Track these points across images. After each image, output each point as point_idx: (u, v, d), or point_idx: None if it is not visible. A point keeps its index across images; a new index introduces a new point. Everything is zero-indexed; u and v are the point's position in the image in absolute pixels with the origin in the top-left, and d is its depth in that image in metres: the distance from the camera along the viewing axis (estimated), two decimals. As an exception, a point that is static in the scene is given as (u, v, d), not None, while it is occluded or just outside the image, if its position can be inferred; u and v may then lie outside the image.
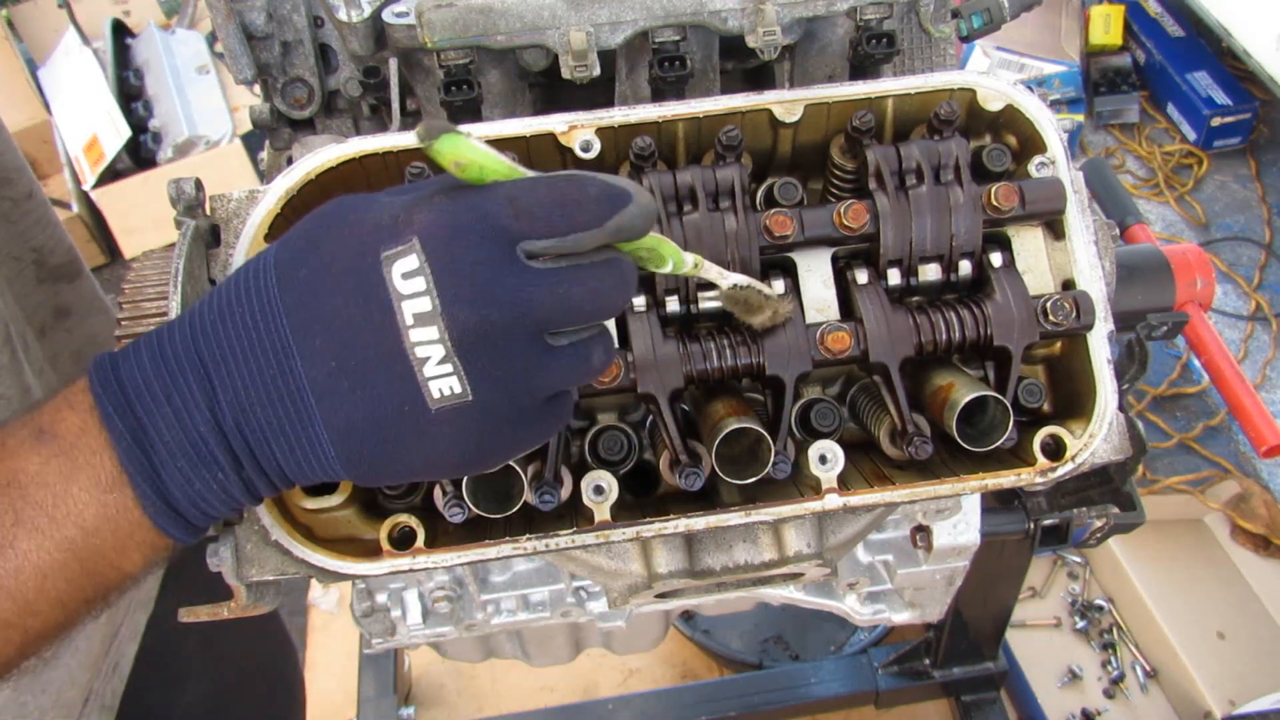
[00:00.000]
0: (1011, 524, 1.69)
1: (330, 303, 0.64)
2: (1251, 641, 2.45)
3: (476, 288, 0.64)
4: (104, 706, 1.24)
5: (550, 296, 0.66)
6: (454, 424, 0.65)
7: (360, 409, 0.65)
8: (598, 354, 0.71)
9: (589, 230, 0.66)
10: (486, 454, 0.70)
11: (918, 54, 1.24)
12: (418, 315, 0.63)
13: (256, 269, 0.67)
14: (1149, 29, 3.29)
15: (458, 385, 0.64)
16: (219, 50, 4.02)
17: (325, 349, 0.64)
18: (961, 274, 0.94)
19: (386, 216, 0.65)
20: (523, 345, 0.66)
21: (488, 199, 0.66)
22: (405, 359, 0.63)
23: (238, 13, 1.17)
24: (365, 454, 0.67)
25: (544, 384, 0.68)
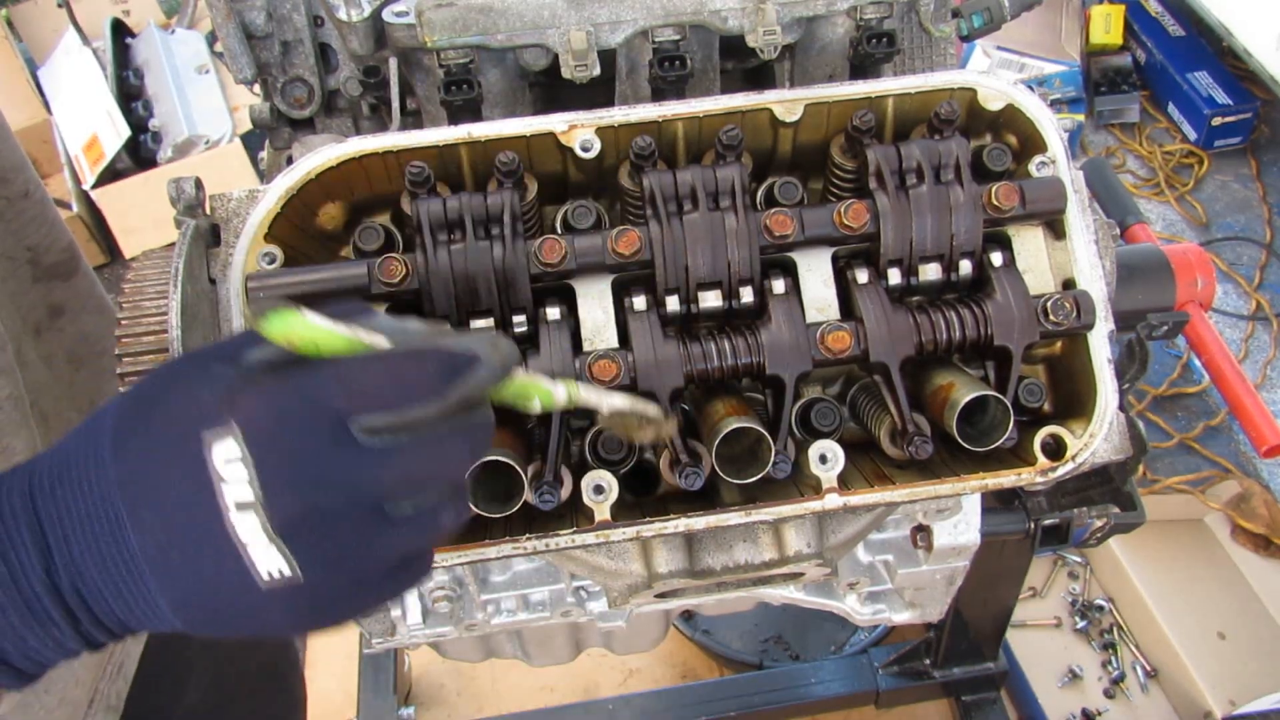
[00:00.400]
0: (1012, 524, 1.69)
1: (157, 479, 0.64)
2: (1252, 641, 2.45)
3: (300, 474, 0.63)
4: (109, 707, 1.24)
5: (385, 474, 0.65)
6: (287, 601, 0.65)
7: (192, 582, 0.65)
8: (447, 517, 0.70)
9: (426, 404, 0.65)
10: (329, 622, 0.69)
11: (918, 54, 1.24)
12: (239, 503, 0.62)
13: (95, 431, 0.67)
14: (1149, 29, 3.29)
15: (286, 569, 0.63)
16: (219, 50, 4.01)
17: (154, 524, 0.64)
18: (962, 273, 0.94)
19: (209, 395, 0.65)
20: (355, 524, 0.65)
21: (316, 381, 0.65)
22: (228, 540, 0.63)
23: (238, 12, 1.17)
24: (203, 622, 0.67)
25: (386, 555, 0.68)
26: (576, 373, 0.88)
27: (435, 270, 0.88)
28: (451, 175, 0.95)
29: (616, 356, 0.88)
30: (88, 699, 1.19)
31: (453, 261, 0.88)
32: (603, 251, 0.90)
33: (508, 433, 0.91)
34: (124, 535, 0.64)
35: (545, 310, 0.91)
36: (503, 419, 0.94)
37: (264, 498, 0.62)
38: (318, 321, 0.65)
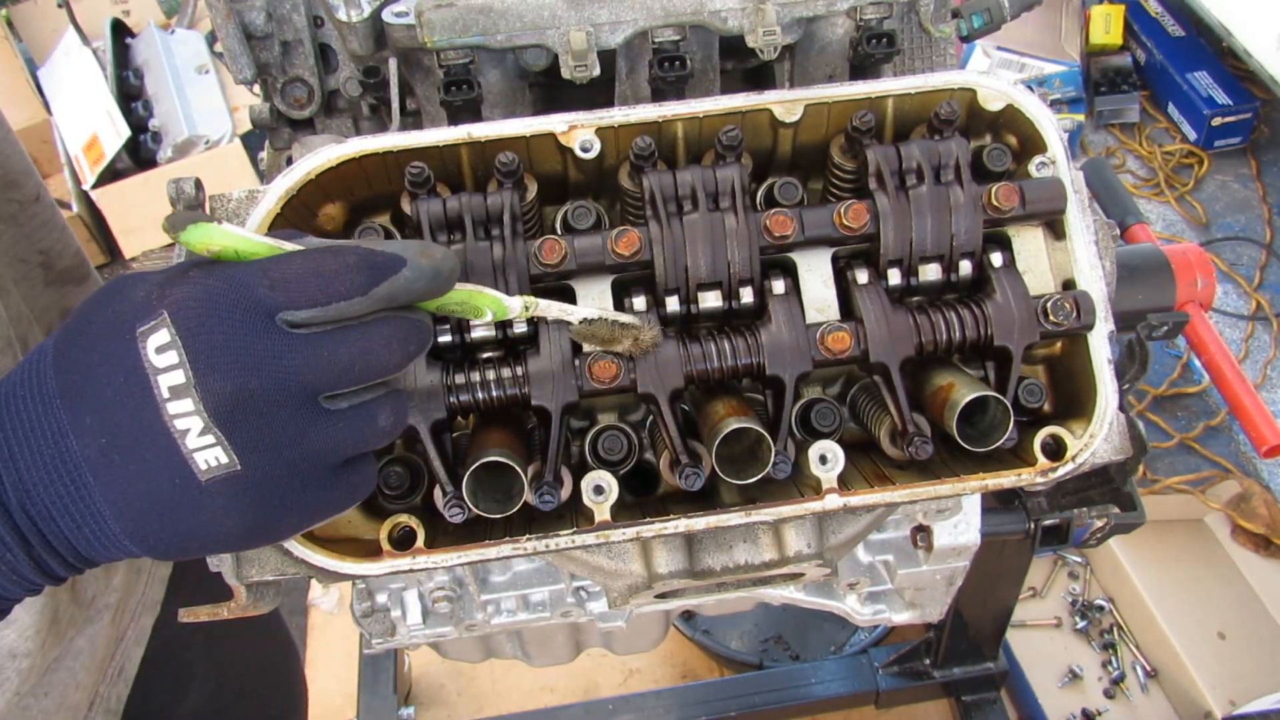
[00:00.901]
0: (1012, 524, 1.69)
1: (96, 381, 0.65)
2: (1252, 641, 2.45)
3: (230, 357, 0.64)
4: (109, 710, 1.24)
5: (313, 360, 0.66)
6: (228, 495, 0.65)
7: (135, 484, 0.65)
8: (383, 415, 0.71)
9: (350, 299, 0.66)
10: (272, 524, 0.69)
11: (918, 54, 1.24)
12: (173, 388, 0.63)
13: (38, 354, 0.68)
14: (1149, 29, 3.29)
15: (223, 456, 0.64)
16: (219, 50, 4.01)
17: (95, 426, 0.65)
18: (962, 274, 0.94)
19: (142, 293, 0.66)
20: (289, 411, 0.66)
21: (241, 271, 0.66)
22: (168, 433, 0.64)
23: (237, 12, 1.17)
24: (148, 529, 0.67)
25: (324, 449, 0.68)
26: (576, 373, 0.88)
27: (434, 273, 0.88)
28: (451, 175, 0.95)
29: (616, 357, 0.88)
30: (87, 702, 1.19)
31: (453, 262, 0.88)
32: (603, 252, 0.90)
33: (508, 433, 0.91)
34: (66, 443, 0.65)
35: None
36: (503, 420, 0.94)
37: (195, 380, 0.63)
38: (236, 230, 0.67)
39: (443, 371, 0.88)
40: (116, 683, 1.26)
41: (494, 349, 0.93)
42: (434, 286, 0.70)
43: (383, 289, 0.67)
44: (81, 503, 0.66)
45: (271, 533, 0.71)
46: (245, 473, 0.65)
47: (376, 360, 0.68)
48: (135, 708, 1.28)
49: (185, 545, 0.69)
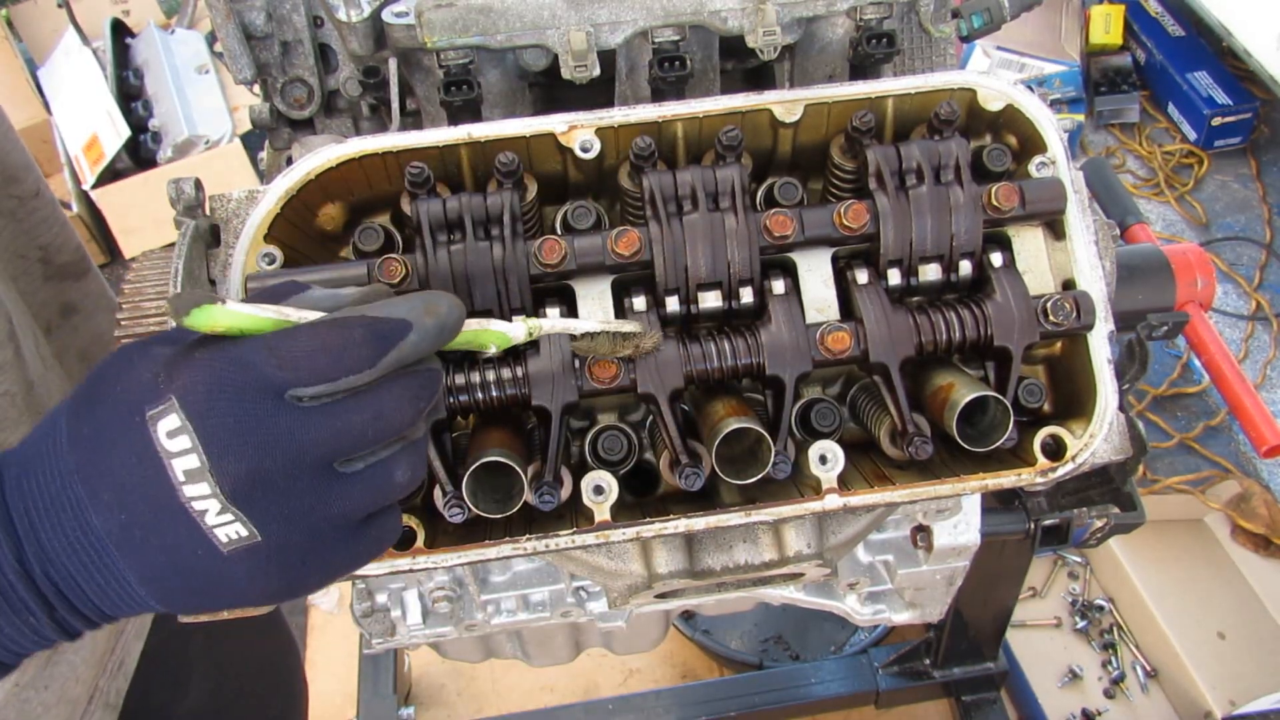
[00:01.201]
0: (1012, 524, 1.69)
1: (111, 461, 0.66)
2: (1251, 641, 2.45)
3: (242, 439, 0.64)
4: (108, 705, 1.24)
5: (325, 432, 0.66)
6: (251, 563, 0.67)
7: (158, 556, 0.66)
8: (400, 471, 0.71)
9: (359, 372, 0.66)
10: (297, 585, 0.70)
11: (918, 54, 1.24)
12: (188, 472, 0.64)
13: (52, 423, 0.69)
14: (1149, 29, 3.29)
15: (243, 530, 0.65)
16: (219, 50, 4.01)
17: (113, 503, 0.66)
18: (962, 274, 0.94)
19: (149, 373, 0.67)
20: (305, 483, 0.67)
21: (248, 350, 0.66)
22: (186, 512, 0.65)
23: (237, 13, 1.17)
24: (174, 594, 0.69)
25: (343, 511, 0.69)
26: (576, 374, 0.88)
27: (435, 271, 0.88)
28: (451, 176, 0.95)
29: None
30: (87, 696, 1.19)
31: (452, 262, 0.88)
32: (603, 252, 0.90)
33: (508, 433, 0.91)
34: (87, 519, 0.66)
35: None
36: (502, 420, 0.94)
37: (210, 464, 0.64)
38: (240, 308, 0.67)
39: (442, 372, 0.88)
40: (116, 677, 1.26)
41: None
42: (440, 342, 0.71)
43: (391, 358, 0.67)
44: (105, 570, 0.67)
45: (297, 591, 0.72)
46: (266, 543, 0.66)
47: (389, 422, 0.69)
48: (135, 704, 1.28)
49: (214, 605, 0.71)
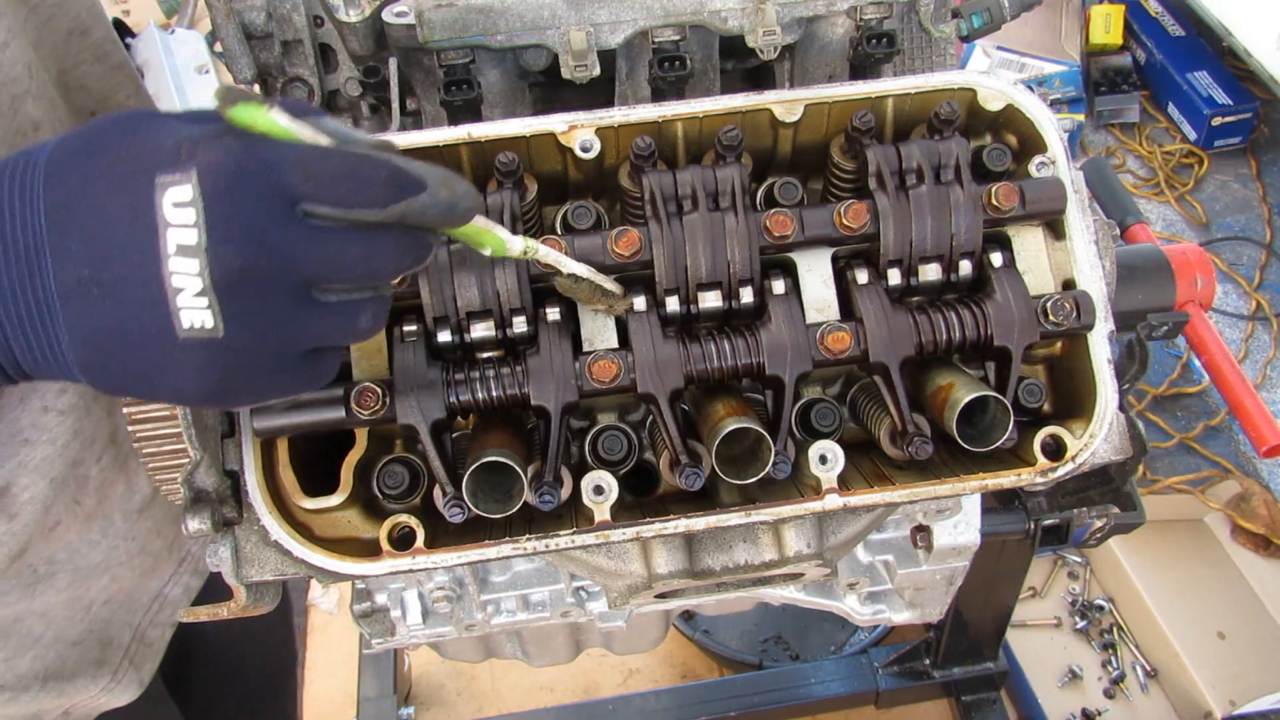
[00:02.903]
0: (1012, 524, 1.69)
1: (95, 211, 0.64)
2: (1252, 641, 2.45)
3: (245, 233, 0.64)
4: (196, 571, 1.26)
5: (320, 253, 0.67)
6: (200, 356, 0.66)
7: (105, 320, 0.65)
8: (365, 317, 0.72)
9: (371, 209, 0.67)
10: (230, 393, 0.70)
11: (918, 54, 1.24)
12: (181, 246, 0.63)
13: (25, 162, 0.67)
14: (1149, 28, 3.29)
15: (210, 321, 0.64)
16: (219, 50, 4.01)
17: (80, 254, 0.64)
18: (962, 274, 0.94)
19: (170, 141, 0.65)
20: (284, 295, 0.67)
21: (278, 154, 0.66)
22: (160, 284, 0.64)
23: (237, 12, 1.17)
24: (105, 365, 0.67)
25: (302, 336, 0.69)
26: (576, 373, 0.88)
27: (434, 269, 0.88)
28: (451, 175, 0.95)
29: (616, 357, 0.88)
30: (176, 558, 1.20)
31: (452, 261, 0.88)
32: (603, 252, 0.90)
33: (508, 433, 0.91)
34: (41, 264, 0.64)
35: (545, 311, 0.91)
36: (502, 420, 0.94)
37: (208, 245, 0.63)
38: (281, 119, 0.67)
39: (443, 371, 0.88)
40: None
41: (494, 349, 0.93)
42: (447, 218, 0.71)
43: (399, 208, 0.68)
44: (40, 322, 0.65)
45: (226, 400, 0.71)
46: (224, 342, 0.65)
47: (376, 266, 0.70)
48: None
49: (137, 389, 0.69)
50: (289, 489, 0.91)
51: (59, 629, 1.08)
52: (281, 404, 0.87)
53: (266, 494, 0.89)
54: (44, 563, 1.03)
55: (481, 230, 0.78)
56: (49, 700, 1.10)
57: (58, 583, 1.05)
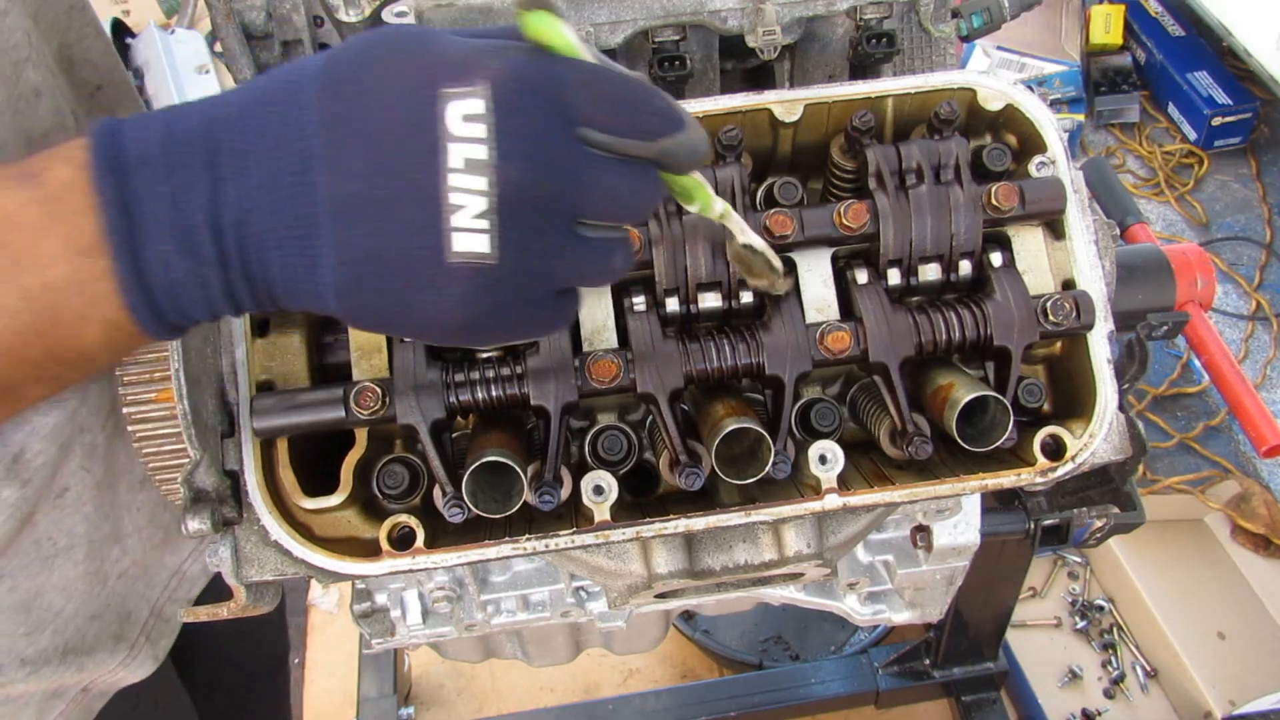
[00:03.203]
0: (1012, 524, 1.69)
1: (374, 125, 0.61)
2: (1252, 641, 2.45)
3: (536, 150, 0.61)
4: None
5: (598, 182, 0.64)
6: (465, 284, 0.62)
7: (374, 239, 0.61)
8: (618, 257, 0.69)
9: (642, 142, 0.65)
10: (486, 326, 0.66)
11: (918, 54, 1.24)
12: (469, 161, 0.60)
13: (298, 74, 0.64)
14: (1149, 28, 3.28)
15: (485, 245, 0.61)
16: (219, 50, 4.01)
17: (355, 169, 0.61)
18: (961, 274, 0.94)
19: (456, 54, 0.62)
20: (558, 223, 0.64)
21: (567, 71, 0.64)
22: (437, 202, 0.60)
23: (237, 12, 1.17)
24: (363, 288, 0.63)
25: (565, 270, 0.66)
26: (576, 373, 0.88)
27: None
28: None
29: (616, 356, 0.88)
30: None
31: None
32: (602, 252, 0.90)
33: (507, 433, 0.91)
34: (310, 178, 0.61)
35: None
36: (502, 420, 0.94)
37: (497, 161, 0.60)
38: (572, 35, 0.65)
39: (442, 371, 0.88)
40: None
41: (493, 349, 0.93)
42: (694, 161, 0.69)
43: (665, 143, 0.66)
44: (304, 240, 0.62)
45: (478, 335, 0.68)
46: (494, 269, 0.62)
47: (639, 202, 0.67)
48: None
49: (391, 319, 0.65)
50: (289, 489, 0.91)
51: (79, 603, 1.09)
52: (281, 404, 0.87)
53: (266, 494, 0.89)
54: (63, 535, 1.04)
55: (698, 185, 0.76)
56: (69, 675, 1.11)
57: (75, 555, 1.06)
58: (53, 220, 0.61)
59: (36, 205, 0.61)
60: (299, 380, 0.93)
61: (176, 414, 0.84)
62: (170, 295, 0.63)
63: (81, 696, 1.16)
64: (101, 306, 0.62)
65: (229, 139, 0.62)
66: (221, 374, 0.90)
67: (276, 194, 0.61)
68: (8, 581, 1.00)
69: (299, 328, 0.94)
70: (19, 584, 1.01)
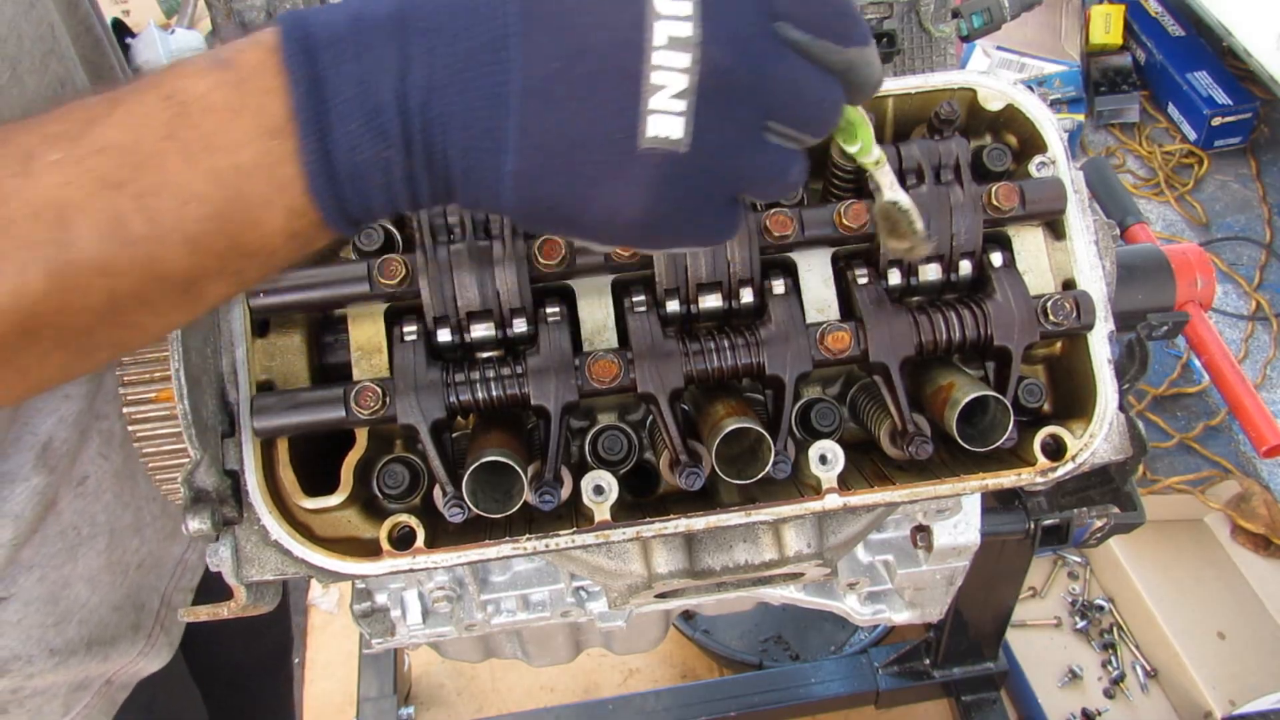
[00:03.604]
0: (1012, 524, 1.69)
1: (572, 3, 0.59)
2: (1252, 641, 2.45)
3: (738, 34, 0.60)
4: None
5: (788, 78, 0.63)
6: (651, 173, 0.60)
7: (564, 121, 0.59)
8: (796, 169, 0.67)
9: (836, 46, 0.64)
10: (661, 225, 0.64)
11: (918, 54, 1.24)
12: (673, 38, 0.58)
13: None
14: (1149, 29, 3.28)
15: (677, 131, 0.59)
16: (219, 50, 4.00)
17: (552, 48, 0.59)
18: (962, 274, 0.94)
19: None
20: (749, 116, 0.62)
21: None
22: (637, 81, 0.58)
23: (237, 12, 1.17)
24: (544, 175, 0.61)
25: (746, 171, 0.64)
26: (576, 373, 0.88)
27: (435, 270, 0.88)
28: (451, 175, 0.94)
29: (617, 356, 0.88)
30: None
31: (452, 262, 0.88)
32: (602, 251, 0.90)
33: (508, 433, 0.91)
34: (504, 56, 0.59)
35: (545, 310, 0.91)
36: (502, 420, 0.94)
37: (702, 40, 0.58)
38: None
39: (443, 371, 0.88)
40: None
41: (494, 349, 0.93)
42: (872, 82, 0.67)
43: (854, 53, 0.65)
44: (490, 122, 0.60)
45: (652, 235, 0.65)
46: (683, 158, 0.60)
47: (821, 112, 0.66)
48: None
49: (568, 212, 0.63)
50: (289, 489, 0.91)
51: (103, 593, 1.10)
52: (281, 403, 0.87)
53: (266, 494, 0.89)
54: (86, 524, 1.05)
55: (863, 121, 0.74)
56: (94, 665, 1.12)
57: (98, 544, 1.07)
58: (243, 102, 0.60)
59: (227, 88, 0.60)
60: (299, 380, 0.93)
61: (176, 414, 0.84)
62: (353, 179, 0.61)
63: (106, 689, 1.17)
64: (288, 191, 0.61)
65: (419, 20, 0.60)
66: (221, 374, 0.90)
67: (466, 74, 0.59)
68: (36, 572, 1.02)
69: (299, 328, 0.94)
70: (47, 574, 1.03)
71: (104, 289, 0.59)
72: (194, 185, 0.59)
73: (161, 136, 0.58)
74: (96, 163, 0.57)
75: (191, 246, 0.60)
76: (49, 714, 1.11)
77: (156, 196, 0.58)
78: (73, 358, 0.63)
